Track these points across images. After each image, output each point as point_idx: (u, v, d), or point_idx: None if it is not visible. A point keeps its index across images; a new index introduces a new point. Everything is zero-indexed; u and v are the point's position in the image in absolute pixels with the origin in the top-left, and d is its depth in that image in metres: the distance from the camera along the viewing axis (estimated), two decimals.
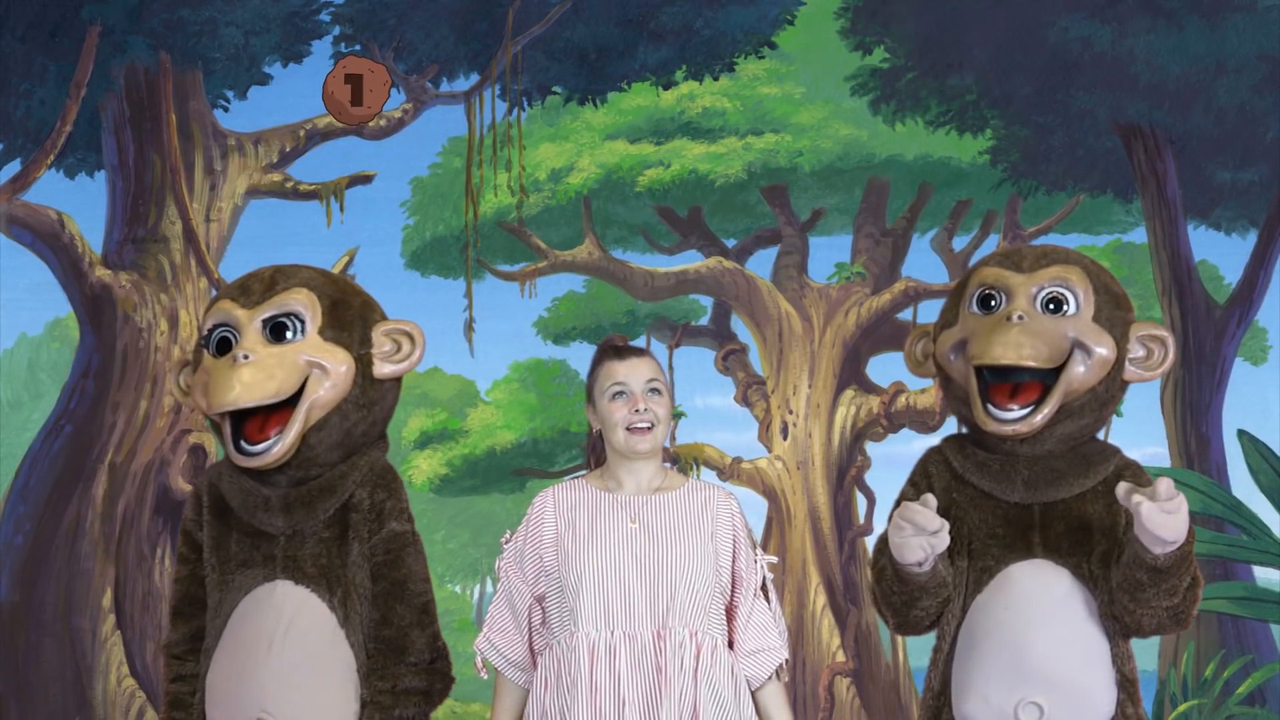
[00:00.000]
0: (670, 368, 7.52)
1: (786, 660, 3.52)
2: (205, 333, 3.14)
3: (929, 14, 7.28)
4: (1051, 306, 3.07)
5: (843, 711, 7.10)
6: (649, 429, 3.43)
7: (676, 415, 7.36)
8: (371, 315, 3.24)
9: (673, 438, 7.48)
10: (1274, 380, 7.25)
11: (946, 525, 2.98)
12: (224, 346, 3.11)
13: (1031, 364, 2.99)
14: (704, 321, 7.70)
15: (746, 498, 7.35)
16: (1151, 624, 3.02)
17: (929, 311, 7.59)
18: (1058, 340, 3.03)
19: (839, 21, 7.38)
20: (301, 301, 3.13)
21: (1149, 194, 7.27)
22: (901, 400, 7.41)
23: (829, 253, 7.61)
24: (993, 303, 3.10)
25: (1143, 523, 2.83)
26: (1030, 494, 3.10)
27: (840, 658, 7.18)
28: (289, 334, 3.10)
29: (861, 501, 7.42)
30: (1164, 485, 2.85)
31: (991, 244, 7.56)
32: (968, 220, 7.61)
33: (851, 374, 7.52)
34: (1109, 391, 3.12)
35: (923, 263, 7.59)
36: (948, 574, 3.11)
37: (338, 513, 3.14)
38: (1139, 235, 7.38)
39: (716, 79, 7.40)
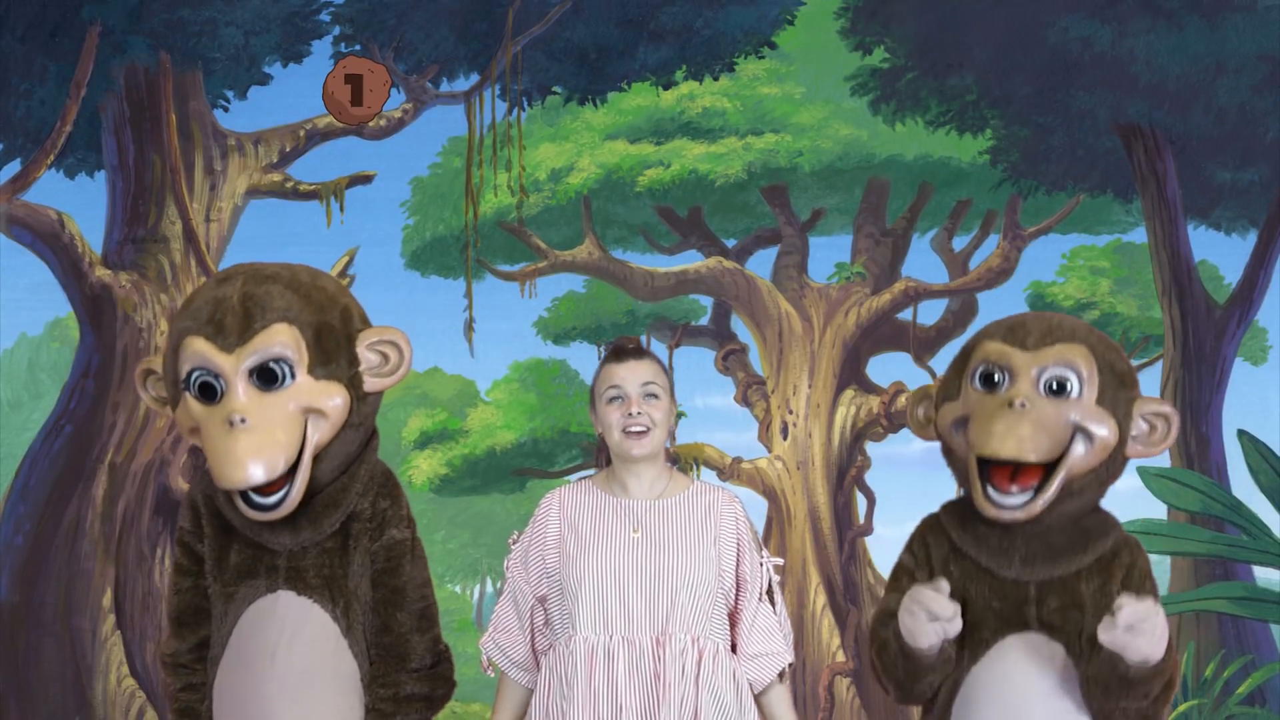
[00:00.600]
0: (670, 368, 7.51)
1: (791, 663, 3.51)
2: (182, 376, 3.00)
3: (929, 14, 7.28)
4: (1055, 388, 3.04)
5: (843, 711, 7.10)
6: (644, 433, 3.42)
7: (677, 415, 7.35)
8: (353, 328, 3.13)
9: (673, 438, 7.47)
10: (1274, 380, 7.25)
11: (959, 610, 2.99)
12: (208, 391, 2.98)
13: (1032, 459, 2.98)
14: (704, 321, 7.70)
15: (746, 498, 7.35)
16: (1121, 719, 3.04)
17: (929, 311, 7.60)
18: (1059, 430, 3.01)
19: (839, 21, 7.38)
20: (285, 342, 2.98)
21: (1149, 194, 7.27)
22: (901, 400, 7.41)
23: (829, 253, 7.61)
24: (995, 380, 3.08)
25: (1102, 640, 2.84)
26: (1026, 571, 3.10)
27: (840, 658, 7.18)
28: (278, 379, 2.98)
29: (861, 501, 7.42)
30: (1127, 611, 2.82)
31: (992, 244, 7.56)
32: (968, 220, 7.61)
33: (851, 374, 7.52)
34: (1110, 470, 3.10)
35: (923, 263, 7.59)
36: (951, 650, 3.11)
37: (341, 524, 3.13)
38: (1139, 235, 7.38)
39: (716, 79, 7.40)
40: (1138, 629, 2.82)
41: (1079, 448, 3.02)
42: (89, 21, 7.01)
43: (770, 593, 3.51)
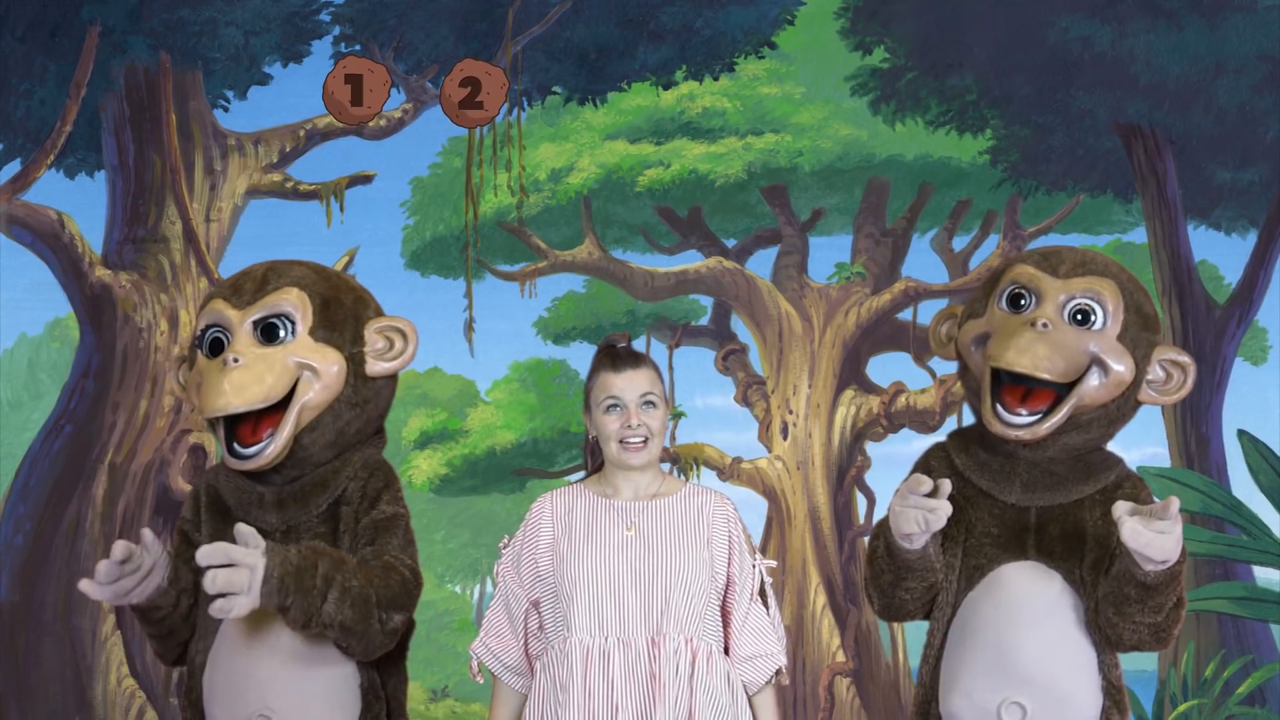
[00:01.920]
0: (670, 368, 7.52)
1: (785, 666, 3.51)
2: (198, 333, 3.12)
3: (929, 14, 7.28)
4: (1079, 318, 3.05)
5: (843, 711, 7.10)
6: (642, 442, 3.43)
7: (676, 415, 7.36)
8: (364, 312, 3.21)
9: (673, 438, 7.48)
10: (1274, 380, 7.25)
11: (947, 503, 2.98)
12: (216, 347, 3.10)
13: (1045, 376, 2.98)
14: (704, 321, 7.70)
15: (746, 498, 7.35)
16: (1132, 639, 3.02)
17: (929, 311, 7.59)
18: (1077, 355, 3.01)
19: (839, 21, 7.38)
20: (292, 302, 3.11)
21: (1149, 194, 7.27)
22: (901, 400, 7.41)
23: (829, 253, 7.61)
24: (1022, 302, 3.08)
25: (1124, 540, 2.82)
26: (1027, 496, 3.10)
27: (840, 658, 7.18)
28: (280, 335, 3.09)
29: (861, 501, 7.42)
30: (1164, 507, 2.83)
31: (992, 244, 7.55)
32: (968, 220, 7.61)
33: (851, 374, 7.52)
34: (1121, 410, 3.10)
35: (923, 263, 7.59)
36: (938, 561, 3.12)
37: (330, 508, 3.14)
38: (1139, 235, 7.38)
39: (716, 79, 7.40)
40: (1164, 525, 2.81)
41: (1093, 379, 3.03)
42: (89, 21, 7.01)
43: (763, 594, 3.51)
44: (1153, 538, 2.81)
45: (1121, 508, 2.82)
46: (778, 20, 7.31)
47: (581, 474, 3.68)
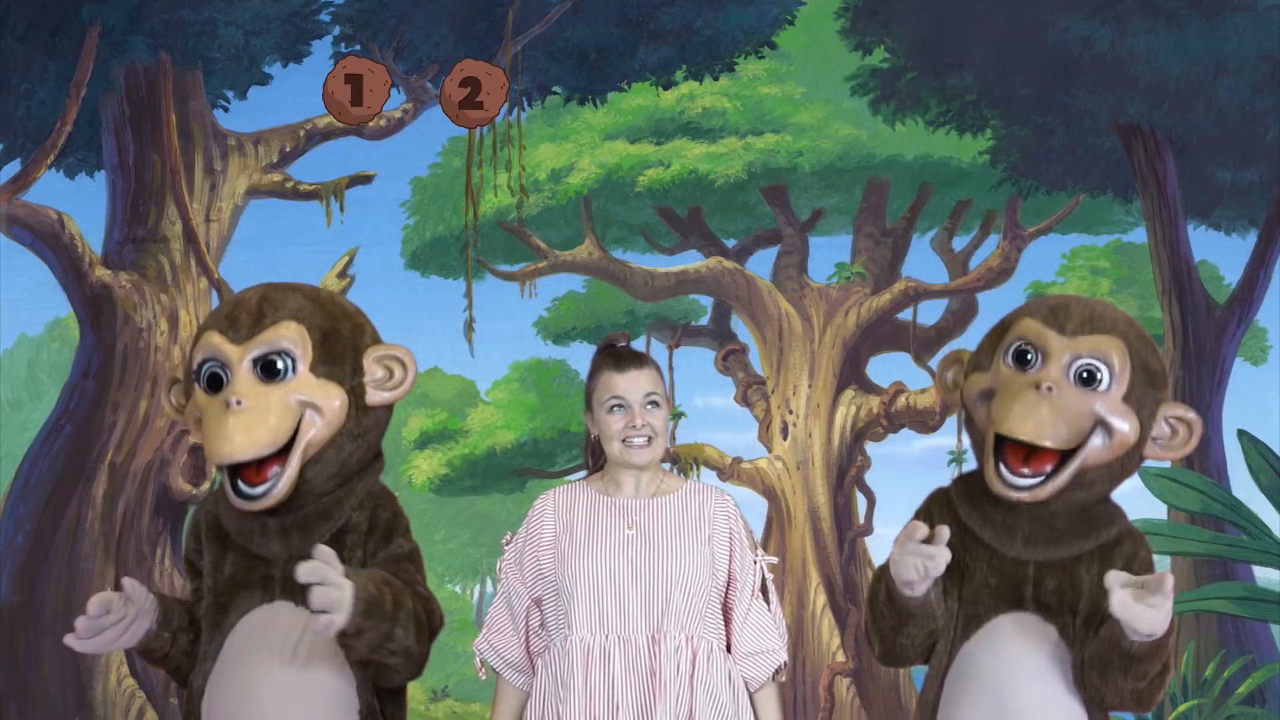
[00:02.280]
0: (670, 368, 7.52)
1: (785, 663, 3.51)
2: (194, 366, 3.09)
3: (929, 14, 7.28)
4: (1084, 377, 3.03)
5: (843, 711, 7.10)
6: (646, 441, 3.43)
7: (676, 415, 7.36)
8: (363, 341, 3.18)
9: (672, 438, 7.47)
10: (1274, 380, 7.25)
11: (945, 550, 2.98)
12: (215, 383, 3.05)
13: (1048, 444, 2.97)
14: (704, 321, 7.70)
15: (746, 498, 7.35)
16: (1114, 701, 3.03)
17: (929, 311, 7.60)
18: (1081, 420, 2.99)
19: (839, 21, 7.38)
20: (291, 337, 3.06)
21: (1149, 194, 7.27)
22: (901, 400, 7.41)
23: (829, 253, 7.61)
24: (1028, 358, 3.06)
25: (1113, 611, 2.82)
26: (1028, 551, 3.09)
27: (840, 658, 7.18)
28: (280, 371, 3.05)
29: (861, 501, 7.42)
30: (1157, 582, 2.80)
31: (992, 244, 7.56)
32: (968, 220, 7.61)
33: (851, 374, 7.52)
34: (1125, 467, 3.09)
35: (923, 263, 7.59)
36: (939, 608, 3.11)
37: (334, 536, 3.13)
38: (1139, 235, 7.38)
39: (716, 79, 7.40)
40: (1154, 600, 2.79)
41: (1097, 440, 3.01)
42: (89, 21, 7.01)
43: (764, 591, 3.51)
44: (1142, 611, 2.80)
45: (1113, 578, 2.81)
46: (778, 20, 7.31)
47: (583, 473, 3.68)
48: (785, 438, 7.43)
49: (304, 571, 2.82)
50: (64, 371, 7.23)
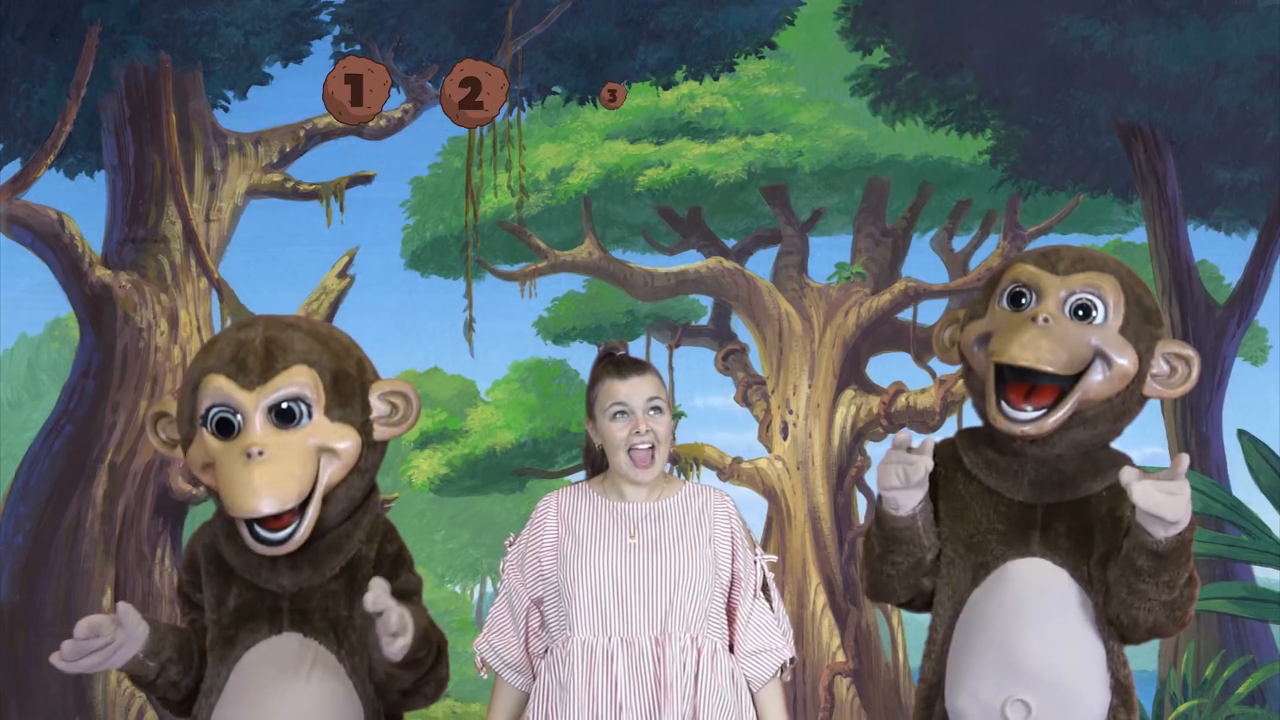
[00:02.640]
0: (670, 368, 7.53)
1: (791, 660, 3.51)
2: (202, 411, 3.06)
3: (929, 14, 7.28)
4: (1080, 312, 3.05)
5: (843, 711, 7.11)
6: (650, 450, 3.44)
7: (676, 415, 7.36)
8: (367, 378, 3.19)
9: (672, 438, 7.46)
10: (1274, 380, 7.25)
11: (927, 457, 2.99)
12: (225, 428, 3.04)
13: (1049, 369, 2.98)
14: (704, 321, 7.70)
15: (746, 498, 7.36)
16: (1148, 620, 3.01)
17: (929, 311, 7.60)
18: (1079, 347, 3.02)
19: (839, 21, 7.38)
20: (304, 383, 3.06)
21: (1149, 194, 7.27)
22: (901, 400, 7.41)
23: (829, 253, 7.61)
24: (1022, 300, 3.09)
25: (1136, 501, 2.82)
26: (1035, 494, 3.11)
27: (840, 658, 7.18)
28: (296, 418, 3.05)
29: (862, 501, 7.42)
30: (1174, 466, 2.83)
31: (992, 244, 7.56)
32: (968, 220, 7.61)
33: (851, 374, 7.52)
34: (1126, 404, 3.10)
35: (923, 263, 7.59)
36: (926, 539, 3.12)
37: (344, 568, 3.15)
38: (1139, 235, 7.38)
39: (716, 79, 7.40)
40: (1174, 486, 2.81)
41: (1097, 373, 3.03)
42: (89, 21, 7.01)
43: (766, 589, 3.51)
44: (1164, 498, 2.81)
45: (1129, 473, 2.83)
46: (778, 20, 7.31)
47: (583, 474, 3.68)
48: (785, 438, 7.43)
49: (369, 601, 2.89)
50: (64, 371, 7.23)
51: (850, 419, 7.43)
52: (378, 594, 2.88)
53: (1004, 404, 3.04)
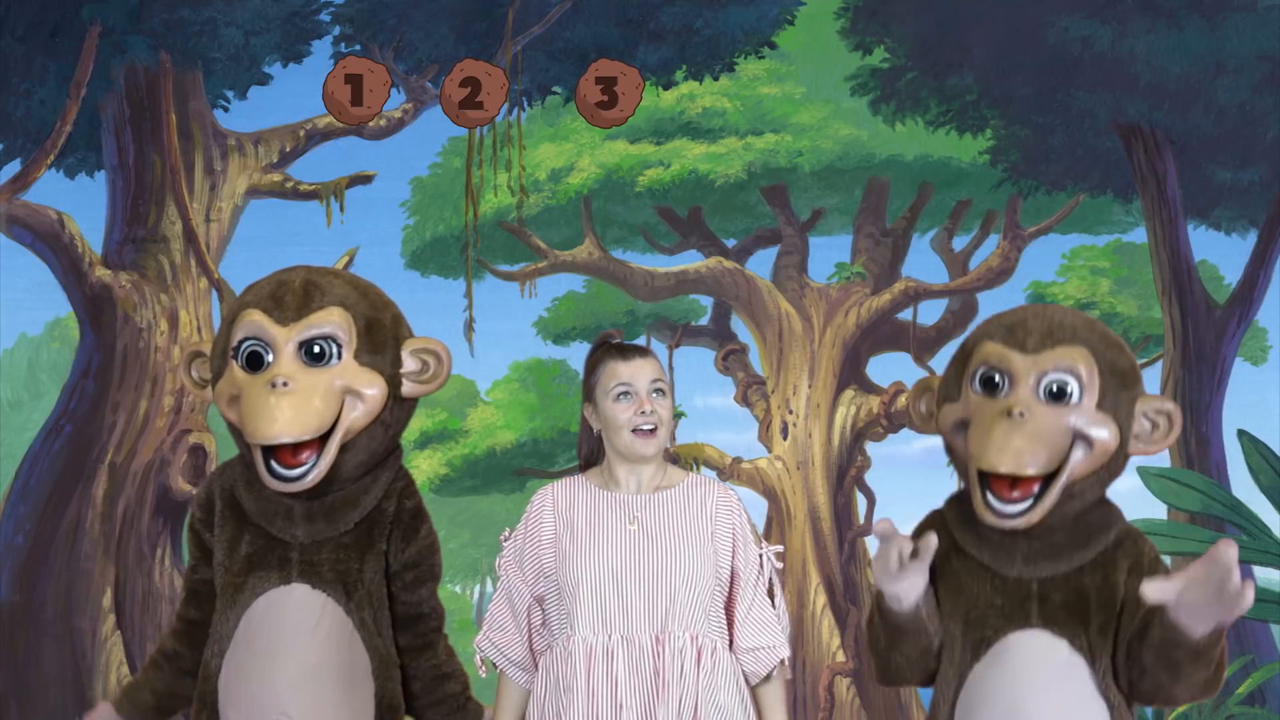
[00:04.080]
0: (670, 368, 7.53)
1: (788, 658, 3.51)
2: (235, 343, 3.09)
3: (929, 14, 7.28)
4: (1054, 393, 3.02)
5: (843, 711, 7.10)
6: (653, 431, 3.42)
7: (676, 415, 7.36)
8: (401, 332, 3.24)
9: (672, 438, 7.47)
10: (1274, 380, 7.25)
11: (924, 560, 2.98)
12: (255, 361, 3.07)
13: (1030, 473, 2.97)
14: (704, 321, 7.70)
15: (747, 498, 7.34)
16: (1186, 695, 3.01)
17: (929, 311, 7.60)
18: (1058, 438, 2.98)
19: (839, 21, 7.38)
20: (338, 323, 3.10)
21: (1149, 194, 7.27)
22: (901, 400, 7.41)
23: (829, 253, 7.61)
24: (995, 383, 3.06)
25: (1181, 623, 2.81)
26: (1029, 569, 3.09)
27: (840, 658, 7.18)
28: (326, 357, 3.08)
29: (861, 501, 7.42)
30: (1221, 553, 2.76)
31: (992, 244, 7.56)
32: (968, 220, 7.61)
33: (851, 374, 7.52)
34: (1111, 470, 3.09)
35: (923, 263, 7.59)
36: (931, 624, 3.11)
37: (360, 523, 3.16)
38: (1139, 235, 7.38)
39: (716, 79, 7.40)
40: (1216, 586, 2.77)
41: (1079, 454, 3.00)
42: (89, 21, 7.01)
43: (770, 585, 3.50)
44: (1216, 608, 2.78)
45: (1155, 591, 2.79)
46: (778, 20, 7.31)
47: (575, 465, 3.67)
48: (785, 438, 7.43)
49: None
50: (64, 371, 7.23)
51: (850, 419, 7.43)
52: None
53: (990, 498, 3.02)
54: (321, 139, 7.38)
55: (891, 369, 7.51)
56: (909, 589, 3.02)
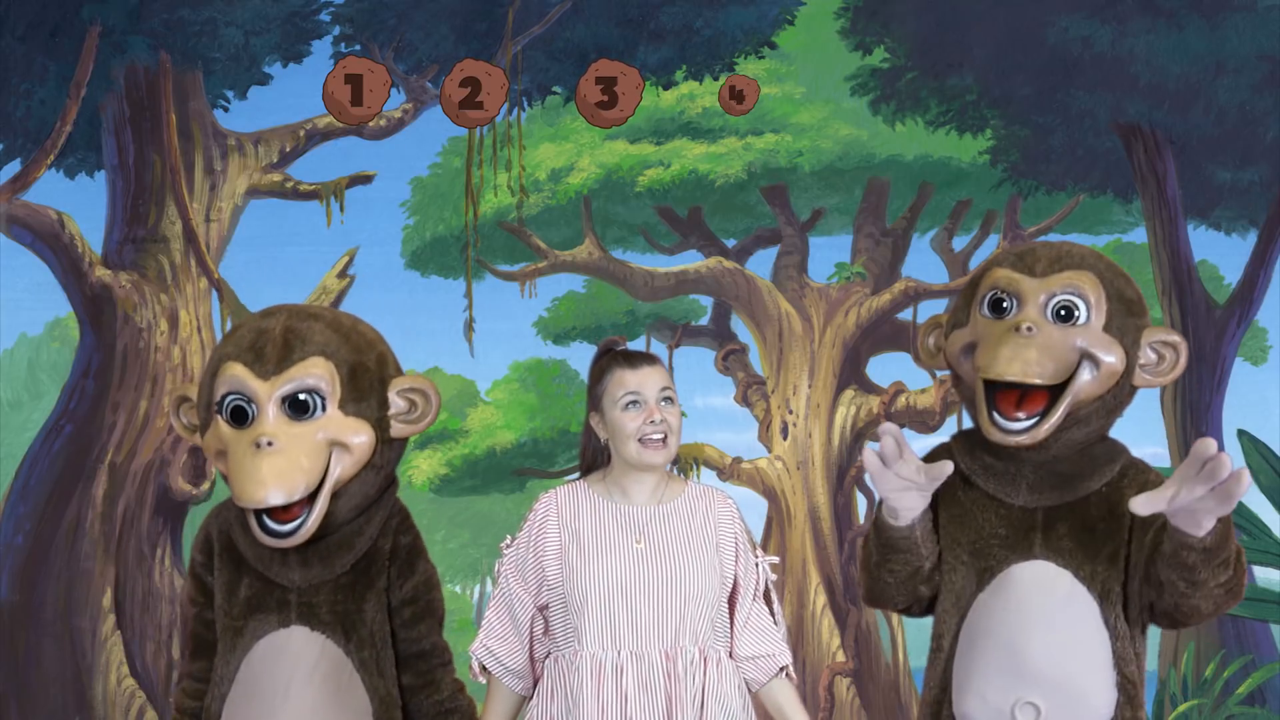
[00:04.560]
0: (670, 368, 7.51)
1: (790, 664, 3.49)
2: (217, 398, 3.06)
3: (929, 14, 7.28)
4: (1062, 314, 3.04)
5: (843, 711, 7.10)
6: (662, 440, 3.40)
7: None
8: (387, 373, 3.17)
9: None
10: (1274, 380, 7.25)
11: (941, 474, 2.98)
12: (239, 416, 3.03)
13: (1037, 382, 2.98)
14: (704, 321, 7.70)
15: (747, 498, 7.36)
16: (1209, 606, 3.01)
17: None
18: (1065, 353, 3.01)
19: (839, 21, 7.38)
20: (320, 375, 3.05)
21: (1149, 194, 7.27)
22: (901, 400, 7.41)
23: (829, 253, 7.61)
24: (1003, 306, 3.08)
25: (1175, 523, 2.82)
26: (1034, 498, 3.10)
27: (840, 658, 7.18)
28: (309, 410, 3.04)
29: (861, 501, 7.42)
30: (1201, 450, 2.79)
31: (992, 244, 7.56)
32: (968, 220, 7.61)
33: (851, 374, 7.52)
34: (1117, 398, 3.11)
35: (923, 263, 7.59)
36: (924, 547, 3.11)
37: (357, 564, 3.15)
38: (1139, 235, 7.38)
39: (717, 79, 7.40)
40: (1202, 491, 2.79)
41: (1085, 374, 3.03)
42: (89, 21, 7.01)
43: (768, 594, 3.49)
44: (1202, 505, 2.82)
45: (1141, 504, 2.79)
46: (778, 20, 7.31)
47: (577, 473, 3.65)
48: (785, 438, 7.43)
49: None
50: (64, 371, 7.23)
51: (850, 419, 7.43)
52: None
53: (996, 415, 3.03)
54: (321, 139, 7.38)
55: (891, 369, 7.51)
56: (910, 506, 3.03)
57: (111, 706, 6.93)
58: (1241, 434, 6.84)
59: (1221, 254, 7.40)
